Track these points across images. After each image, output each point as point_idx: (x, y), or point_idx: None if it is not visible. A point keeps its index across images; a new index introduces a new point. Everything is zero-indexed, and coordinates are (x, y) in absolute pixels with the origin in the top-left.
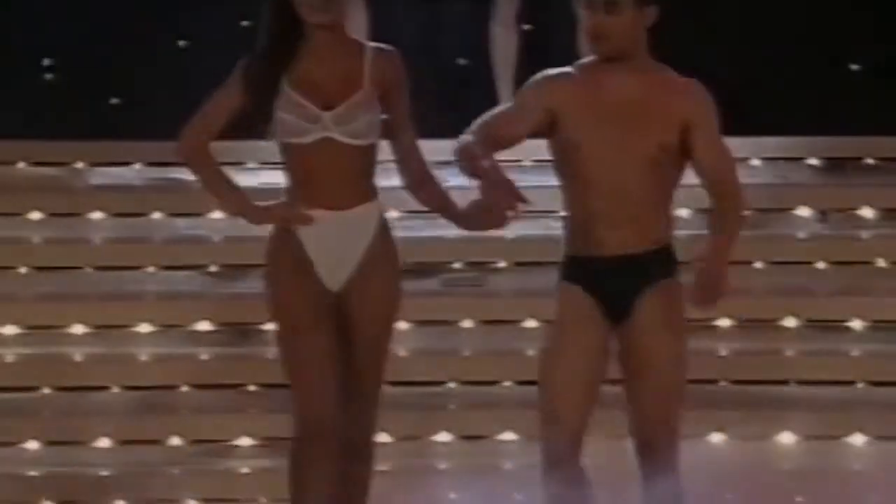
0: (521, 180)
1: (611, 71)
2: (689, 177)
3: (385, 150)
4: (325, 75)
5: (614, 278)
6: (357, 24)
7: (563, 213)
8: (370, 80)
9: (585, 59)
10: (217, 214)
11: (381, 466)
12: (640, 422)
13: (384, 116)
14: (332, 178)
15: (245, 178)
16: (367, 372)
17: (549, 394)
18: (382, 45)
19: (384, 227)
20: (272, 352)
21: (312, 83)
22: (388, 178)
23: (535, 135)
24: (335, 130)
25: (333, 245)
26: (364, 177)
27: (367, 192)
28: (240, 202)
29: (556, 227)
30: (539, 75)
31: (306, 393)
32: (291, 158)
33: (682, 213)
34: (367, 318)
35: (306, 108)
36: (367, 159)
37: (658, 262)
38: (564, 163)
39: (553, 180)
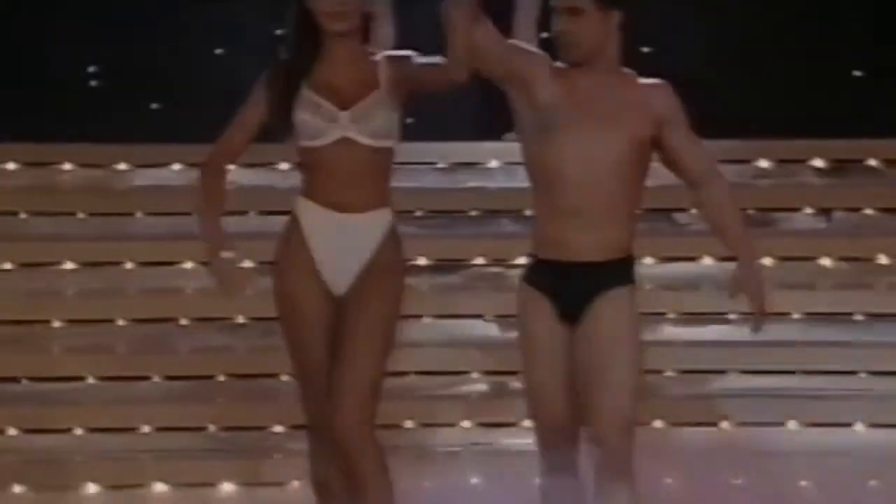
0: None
1: (583, 73)
2: None
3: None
4: (342, 79)
5: (574, 283)
6: (384, 37)
7: (531, 214)
8: (386, 81)
9: (559, 64)
10: (251, 214)
11: None
12: (594, 418)
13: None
14: (347, 180)
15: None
16: (360, 372)
17: (532, 397)
18: (394, 52)
19: (393, 234)
20: None
21: (330, 86)
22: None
23: (506, 80)
24: (352, 129)
25: (340, 249)
26: (378, 181)
27: (380, 198)
28: (209, 233)
29: None
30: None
31: (307, 387)
32: (309, 160)
33: None
34: (365, 325)
35: (324, 107)
36: (382, 163)
37: (617, 270)
38: (537, 155)
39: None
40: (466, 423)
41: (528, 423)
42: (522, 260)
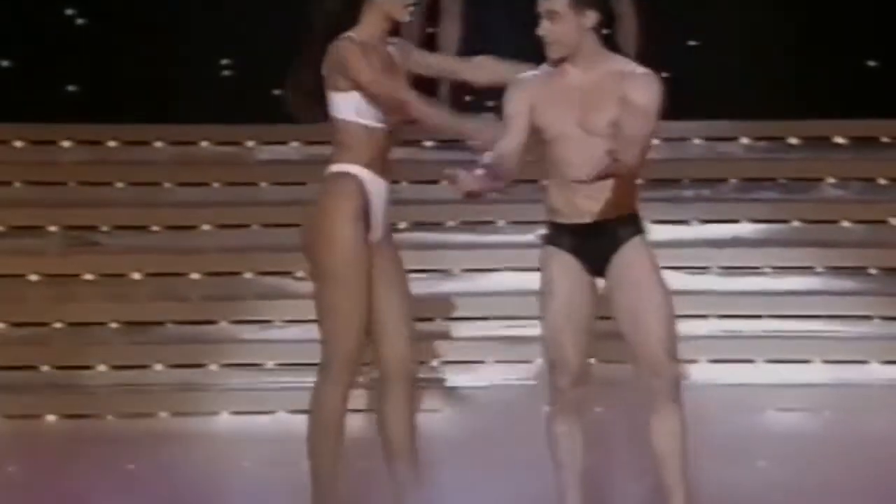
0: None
1: (568, 72)
2: None
3: None
4: (382, 65)
5: (593, 241)
6: (450, 36)
7: (545, 183)
8: (402, 70)
9: (547, 64)
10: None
11: None
12: (647, 350)
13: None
14: (385, 154)
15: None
16: (409, 317)
17: (550, 343)
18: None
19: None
20: None
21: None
22: None
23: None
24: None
25: (380, 205)
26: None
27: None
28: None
29: None
30: (513, 81)
31: (353, 326)
32: (364, 137)
33: None
34: (395, 268)
35: None
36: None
37: (628, 225)
38: (545, 147)
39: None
40: None
41: None
42: None
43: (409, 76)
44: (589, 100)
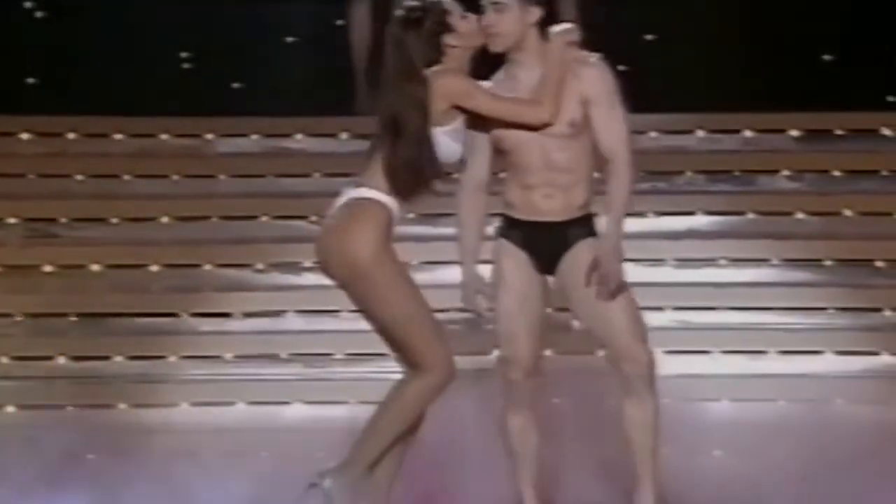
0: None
1: (521, 67)
2: None
3: None
4: None
5: (545, 239)
6: None
7: (503, 176)
8: None
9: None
10: (316, 175)
11: None
12: (618, 340)
13: None
14: None
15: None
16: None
17: (503, 336)
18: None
19: None
20: None
21: None
22: None
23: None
24: None
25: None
26: None
27: None
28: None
29: None
30: None
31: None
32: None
33: None
34: None
35: None
36: None
37: (581, 226)
38: (501, 149)
39: None
40: None
41: None
42: None
43: None
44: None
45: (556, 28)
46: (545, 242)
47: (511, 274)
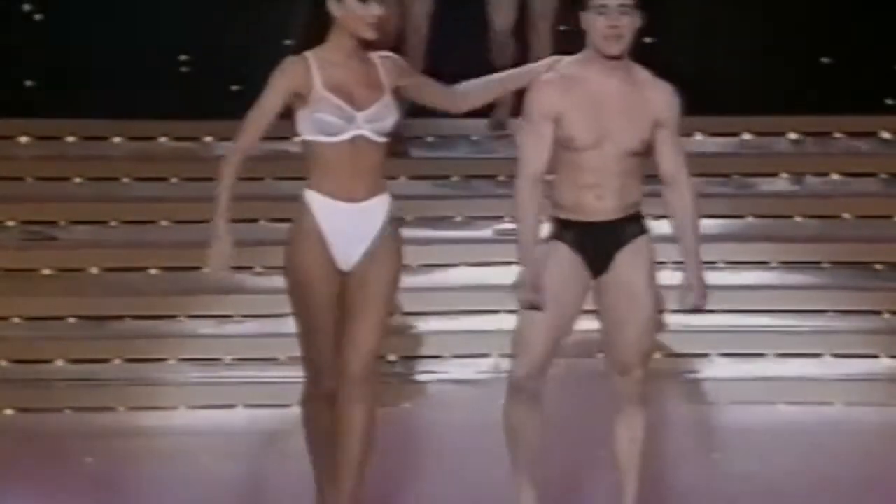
0: None
1: (588, 73)
2: None
3: None
4: (352, 80)
5: (598, 240)
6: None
7: (552, 179)
8: (389, 85)
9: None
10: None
11: None
12: (622, 352)
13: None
14: (354, 172)
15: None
16: (363, 333)
17: (520, 333)
18: (382, 53)
19: (392, 216)
20: None
21: (343, 87)
22: None
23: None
24: (367, 129)
25: (348, 232)
26: (379, 172)
27: (381, 186)
28: (217, 220)
29: None
30: (537, 83)
31: (313, 350)
32: (320, 155)
33: None
34: (370, 296)
35: (343, 109)
36: (382, 156)
37: (632, 225)
38: (560, 147)
39: None
40: None
41: None
42: None
43: (397, 93)
44: (620, 112)
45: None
46: (598, 242)
47: (551, 276)
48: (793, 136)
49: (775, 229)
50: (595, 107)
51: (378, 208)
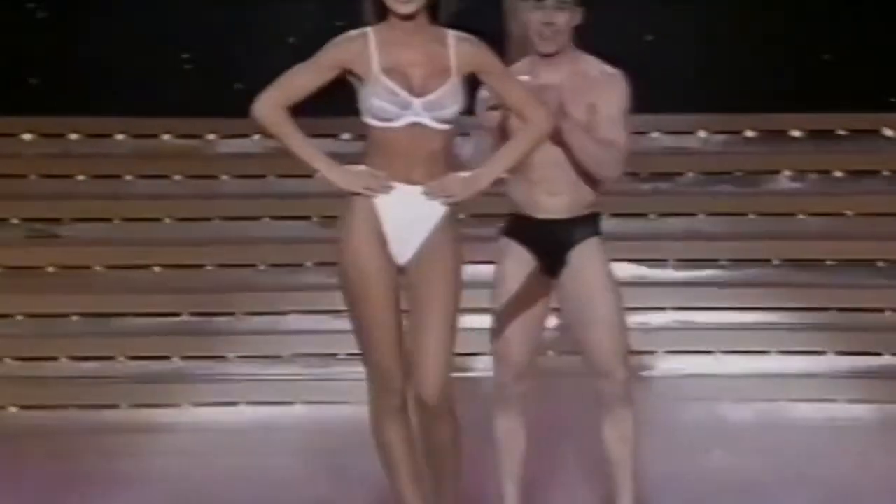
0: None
1: (537, 68)
2: None
3: None
4: (413, 62)
5: (549, 238)
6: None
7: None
8: (457, 69)
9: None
10: (318, 175)
11: None
12: (595, 355)
13: (489, 95)
14: (414, 157)
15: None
16: (431, 342)
17: (497, 336)
18: (463, 34)
19: (452, 207)
20: None
21: (402, 70)
22: None
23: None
24: (425, 116)
25: (407, 220)
26: (442, 157)
27: (443, 173)
28: (328, 166)
29: None
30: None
31: (375, 353)
32: (378, 138)
33: None
34: (431, 292)
35: (399, 95)
36: (448, 142)
37: (586, 225)
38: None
39: None
40: None
41: None
42: None
43: (471, 79)
44: (561, 103)
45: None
46: (550, 241)
47: (513, 273)
48: (796, 133)
49: (778, 227)
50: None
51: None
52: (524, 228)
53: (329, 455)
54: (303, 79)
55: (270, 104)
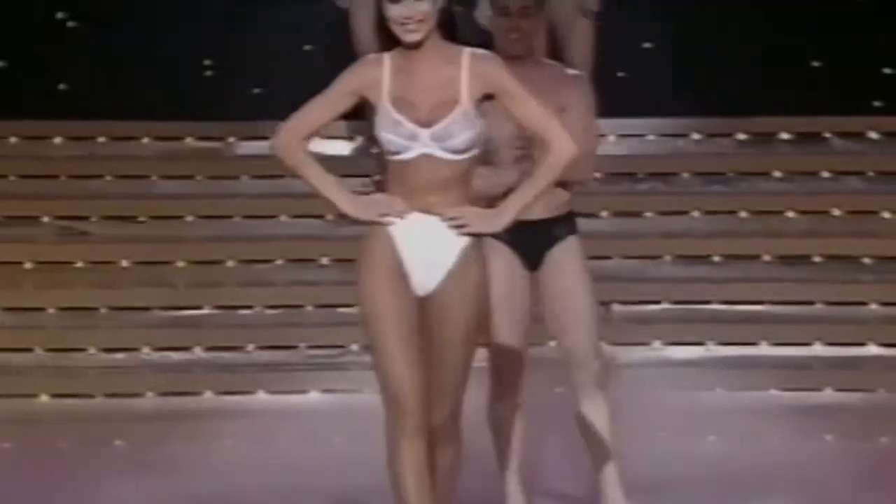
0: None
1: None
2: None
3: None
4: (421, 91)
5: (529, 238)
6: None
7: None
8: (468, 91)
9: None
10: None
11: None
12: (572, 348)
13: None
14: (429, 187)
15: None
16: (448, 370)
17: (491, 330)
18: (479, 50)
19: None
20: None
21: (408, 100)
22: None
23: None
24: (433, 147)
25: (427, 251)
26: (460, 185)
27: (461, 199)
28: (343, 199)
29: None
30: None
31: (393, 386)
32: (393, 168)
33: None
34: (451, 324)
35: (404, 126)
36: (463, 170)
37: (563, 225)
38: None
39: None
40: None
41: None
42: None
43: (474, 103)
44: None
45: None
46: (530, 240)
47: (498, 272)
48: (785, 136)
49: (768, 225)
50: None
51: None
52: (507, 230)
53: (343, 441)
54: (320, 110)
55: (287, 139)
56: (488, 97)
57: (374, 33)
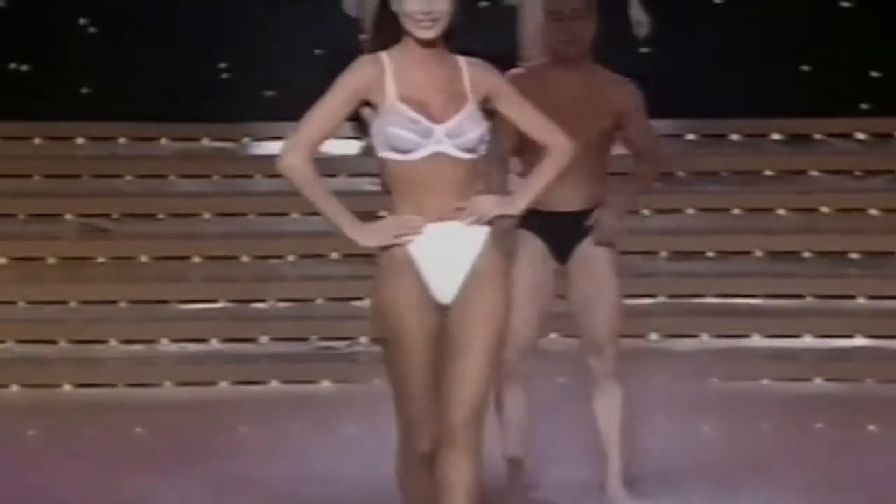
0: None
1: (550, 73)
2: None
3: None
4: (431, 88)
5: (562, 230)
6: None
7: (518, 172)
8: (474, 95)
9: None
10: (342, 175)
11: None
12: (594, 334)
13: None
14: (441, 190)
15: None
16: (471, 374)
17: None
18: (474, 59)
19: (493, 238)
20: None
21: (420, 97)
22: None
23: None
24: (447, 144)
25: (445, 258)
26: (470, 188)
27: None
28: (351, 226)
29: None
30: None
31: (408, 404)
32: (397, 174)
33: None
34: (475, 330)
35: (419, 122)
36: (474, 171)
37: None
38: (523, 141)
39: None
40: None
41: None
42: None
43: (478, 105)
44: (582, 107)
45: None
46: (562, 232)
47: (524, 264)
48: (776, 137)
49: (760, 222)
50: (555, 101)
51: (476, 228)
52: (538, 221)
53: (353, 429)
54: (323, 121)
55: (294, 160)
56: (485, 102)
57: (372, 30)
